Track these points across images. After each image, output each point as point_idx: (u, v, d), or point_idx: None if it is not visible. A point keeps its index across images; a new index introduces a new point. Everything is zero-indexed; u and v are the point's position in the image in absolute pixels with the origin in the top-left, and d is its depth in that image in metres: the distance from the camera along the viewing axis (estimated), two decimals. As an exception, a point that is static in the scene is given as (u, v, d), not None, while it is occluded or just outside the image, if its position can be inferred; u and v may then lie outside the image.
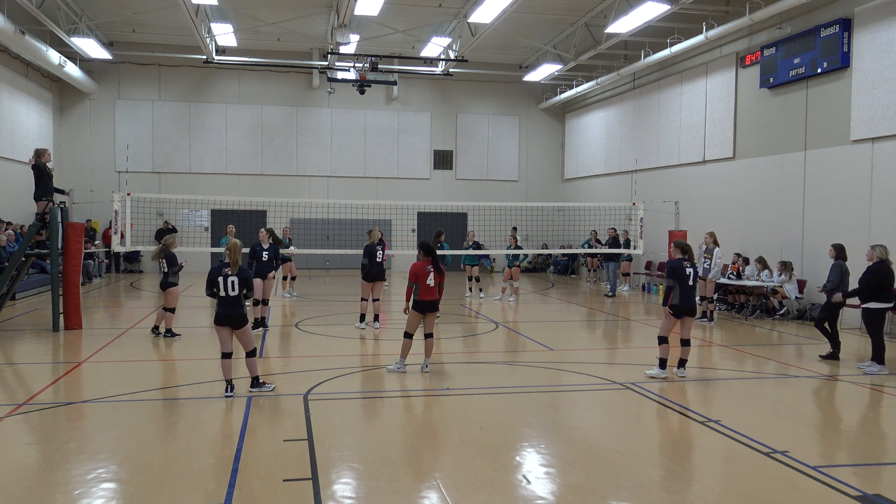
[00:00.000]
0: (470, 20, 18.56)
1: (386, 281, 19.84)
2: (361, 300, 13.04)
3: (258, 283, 12.39)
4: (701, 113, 18.76)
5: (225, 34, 21.61)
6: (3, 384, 8.92)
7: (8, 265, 13.01)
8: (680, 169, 19.85)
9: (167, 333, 11.84)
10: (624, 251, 19.19)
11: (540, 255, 26.96)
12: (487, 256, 20.81)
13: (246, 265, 8.35)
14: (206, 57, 21.82)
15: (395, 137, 26.66)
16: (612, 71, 21.59)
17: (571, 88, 24.49)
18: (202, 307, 15.32)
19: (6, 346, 11.20)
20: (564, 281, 24.33)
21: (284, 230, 18.00)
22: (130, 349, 10.99)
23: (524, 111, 27.76)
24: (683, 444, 6.85)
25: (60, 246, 12.56)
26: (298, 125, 25.89)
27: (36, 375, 9.23)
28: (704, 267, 14.51)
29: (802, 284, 14.76)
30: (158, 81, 24.90)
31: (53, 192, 12.67)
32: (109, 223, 18.80)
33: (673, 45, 18.05)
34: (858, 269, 10.49)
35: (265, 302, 12.75)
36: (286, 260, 17.46)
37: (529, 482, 5.58)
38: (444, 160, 27.19)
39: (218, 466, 5.83)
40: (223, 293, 7.97)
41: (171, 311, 11.82)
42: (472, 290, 18.52)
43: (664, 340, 9.21)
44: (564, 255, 25.50)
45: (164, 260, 11.62)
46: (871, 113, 13.44)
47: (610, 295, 19.19)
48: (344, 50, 20.67)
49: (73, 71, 21.50)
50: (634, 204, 18.74)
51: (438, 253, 9.79)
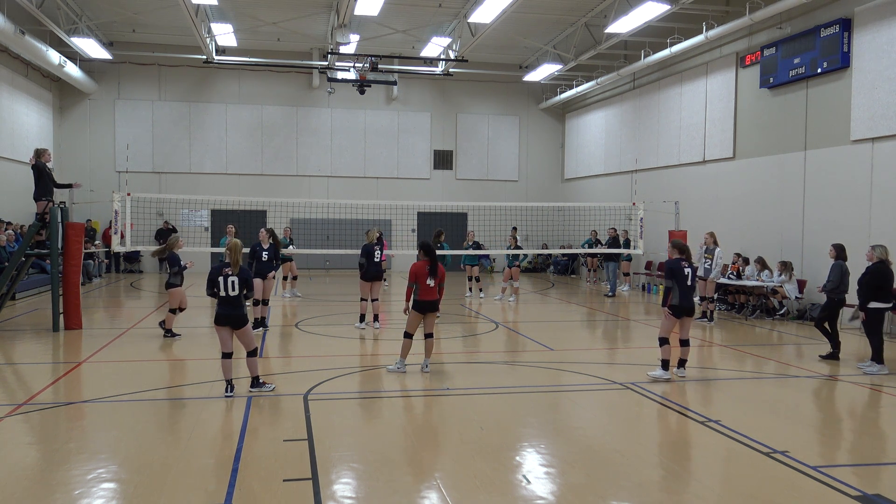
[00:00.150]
0: (470, 20, 18.56)
1: (386, 281, 20.02)
2: (361, 300, 13.04)
3: (258, 283, 12.39)
4: (701, 113, 18.76)
5: (225, 34, 21.61)
6: (3, 384, 8.92)
7: (8, 265, 13.01)
8: (680, 169, 19.84)
9: (167, 333, 11.85)
10: (624, 251, 19.19)
11: (540, 255, 26.96)
12: (487, 256, 20.81)
13: (246, 265, 8.35)
14: (206, 57, 21.82)
15: (395, 137, 26.66)
16: (612, 71, 21.59)
17: (571, 88, 24.49)
18: (202, 307, 15.32)
19: (6, 346, 11.20)
20: (564, 281, 24.33)
21: (285, 230, 18.01)
22: (130, 349, 10.99)
23: (524, 111, 27.76)
24: (683, 444, 6.85)
25: (60, 246, 12.56)
26: (298, 125, 25.89)
27: (36, 375, 9.23)
28: (705, 267, 14.51)
29: (802, 284, 14.76)
30: (158, 81, 24.91)
31: (54, 191, 12.67)
32: (109, 223, 18.83)
33: (673, 45, 18.04)
34: (858, 269, 10.48)
35: (265, 302, 12.75)
36: (286, 260, 17.47)
37: (529, 482, 5.58)
38: (444, 160, 27.19)
39: (218, 466, 5.83)
40: (223, 293, 7.97)
41: (172, 311, 11.82)
42: (472, 290, 18.52)
43: (665, 341, 9.18)
44: (564, 255, 25.50)
45: (166, 260, 11.66)
46: (871, 113, 13.44)
47: (610, 295, 19.19)
48: (344, 50, 20.67)
49: (73, 71, 21.51)
50: (634, 204, 18.75)
51: (438, 253, 9.79)
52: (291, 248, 17.41)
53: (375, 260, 12.84)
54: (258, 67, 24.87)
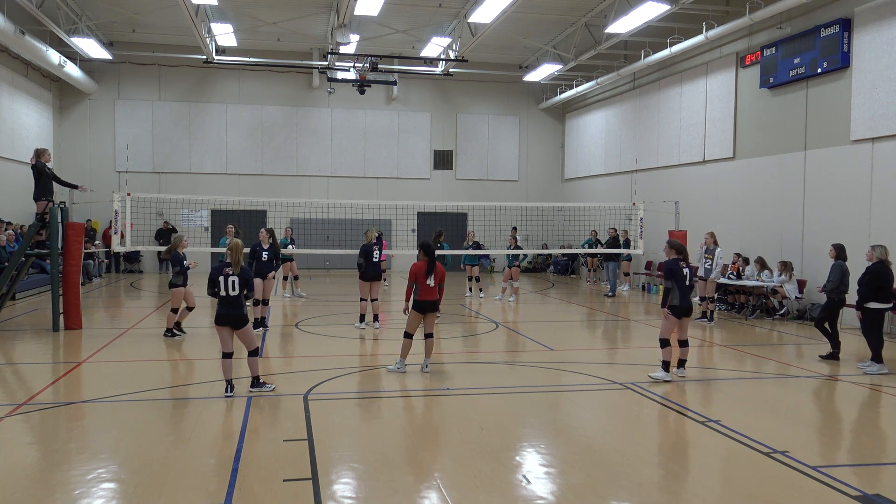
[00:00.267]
0: (470, 20, 18.56)
1: (386, 281, 20.02)
2: (360, 300, 13.04)
3: (258, 283, 12.40)
4: (701, 113, 18.76)
5: (225, 34, 21.61)
6: (3, 384, 8.92)
7: (8, 265, 13.01)
8: (680, 169, 19.84)
9: (167, 333, 11.86)
10: (624, 251, 19.19)
11: (540, 255, 26.96)
12: (487, 256, 20.81)
13: (246, 265, 8.36)
14: (206, 57, 21.81)
15: (395, 137, 26.66)
16: (612, 71, 21.59)
17: (571, 88, 24.49)
18: (202, 307, 15.29)
19: (6, 346, 11.20)
20: (564, 281, 24.33)
21: (286, 230, 18.02)
22: (130, 349, 10.99)
23: (524, 111, 27.76)
24: (683, 444, 6.85)
25: (60, 246, 12.56)
26: (298, 125, 25.89)
27: (36, 375, 9.23)
28: (705, 267, 14.51)
29: (802, 284, 14.76)
30: (158, 81, 24.90)
31: (54, 191, 12.68)
32: (109, 223, 18.82)
33: (673, 45, 18.04)
34: (858, 269, 10.48)
35: (265, 302, 12.76)
36: (287, 259, 17.49)
37: (529, 482, 5.58)
38: (444, 160, 27.19)
39: (218, 466, 5.83)
40: (224, 293, 7.99)
41: (173, 311, 11.83)
42: (472, 290, 18.52)
43: (666, 343, 9.14)
44: (564, 255, 25.50)
45: (169, 260, 11.69)
46: (871, 113, 13.44)
47: (610, 295, 19.18)
48: (344, 50, 20.67)
49: (73, 71, 21.50)
50: (634, 204, 18.75)
51: (438, 253, 9.79)
52: (291, 247, 17.40)
53: (374, 260, 12.84)
54: (258, 67, 24.86)
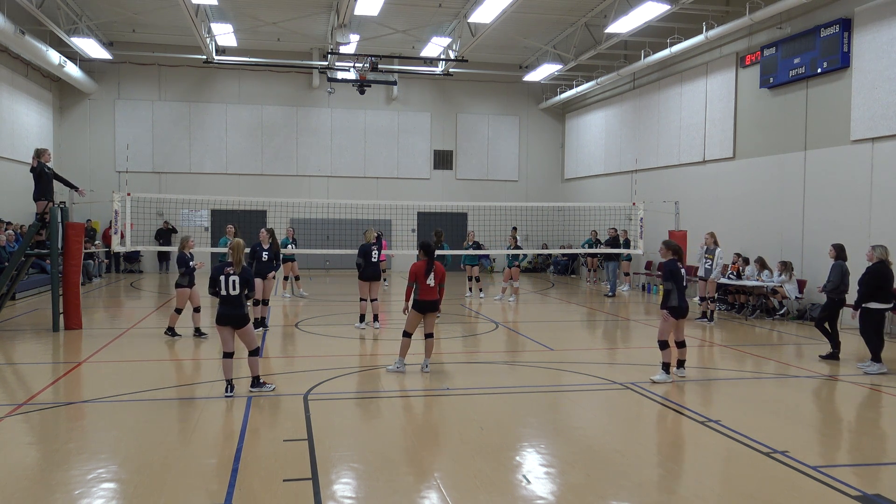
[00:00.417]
0: (470, 20, 18.56)
1: (386, 281, 20.01)
2: (360, 300, 13.04)
3: (258, 283, 12.39)
4: (701, 113, 18.76)
5: (225, 34, 21.61)
6: (3, 384, 8.92)
7: (8, 265, 13.01)
8: (680, 169, 19.84)
9: (168, 331, 11.86)
10: (624, 251, 19.19)
11: (540, 255, 26.96)
12: (487, 256, 20.81)
13: (247, 265, 8.38)
14: (206, 57, 21.81)
15: (395, 137, 26.66)
16: (612, 71, 21.59)
17: (571, 88, 24.49)
18: (204, 308, 15.28)
19: (6, 346, 11.20)
20: (564, 281, 24.33)
21: (288, 230, 18.03)
22: (130, 349, 10.99)
23: (524, 111, 27.76)
24: (683, 444, 6.85)
25: (60, 246, 12.56)
26: (298, 125, 25.89)
27: (36, 375, 9.23)
28: (705, 267, 14.51)
29: (802, 284, 14.76)
30: (158, 81, 24.90)
31: (54, 191, 12.68)
32: (109, 223, 18.82)
33: (673, 45, 18.04)
34: (858, 269, 10.48)
35: (265, 302, 12.76)
36: (289, 259, 17.50)
37: (529, 482, 5.58)
38: (444, 160, 27.19)
39: (218, 466, 5.84)
40: (224, 292, 8.00)
41: (177, 311, 11.82)
42: (472, 290, 18.52)
43: (666, 344, 9.09)
44: (564, 255, 25.50)
45: (177, 260, 11.74)
46: (871, 113, 13.44)
47: (610, 295, 19.18)
48: (344, 50, 20.67)
49: (73, 71, 21.50)
50: (634, 204, 18.75)
51: (438, 253, 9.80)
52: (291, 247, 17.40)
53: (373, 260, 12.85)
54: (258, 67, 24.86)
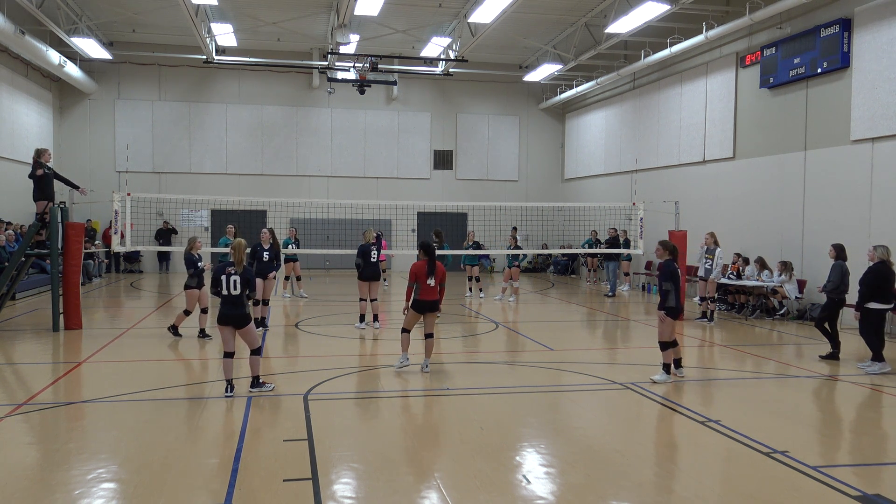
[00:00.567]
0: (470, 20, 18.56)
1: (386, 281, 20.01)
2: (360, 300, 13.05)
3: (258, 282, 12.40)
4: (701, 113, 18.76)
5: (225, 34, 21.61)
6: (3, 384, 8.92)
7: (8, 265, 13.01)
8: (680, 169, 19.84)
9: (171, 328, 11.87)
10: (624, 251, 19.19)
11: (540, 255, 26.95)
12: (487, 256, 20.80)
13: (248, 265, 8.39)
14: (206, 57, 21.81)
15: (395, 137, 26.66)
16: (612, 71, 21.59)
17: (571, 88, 24.49)
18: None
19: (6, 346, 11.20)
20: (564, 281, 24.33)
21: (290, 230, 18.03)
22: (130, 349, 10.99)
23: (524, 111, 27.76)
24: (683, 444, 6.85)
25: (60, 246, 12.56)
26: (298, 125, 25.89)
27: (36, 375, 9.23)
28: (705, 267, 14.51)
29: (802, 284, 14.76)
30: (158, 81, 24.90)
31: (54, 192, 12.68)
32: (109, 223, 18.79)
33: (673, 45, 18.04)
34: (859, 269, 10.48)
35: (265, 302, 12.77)
36: (290, 259, 17.50)
37: (529, 482, 5.58)
38: (444, 160, 27.19)
39: (218, 466, 5.84)
40: (226, 292, 8.01)
41: (185, 312, 11.78)
42: (472, 290, 18.52)
43: (666, 346, 9.05)
44: (564, 255, 25.50)
45: (184, 261, 11.74)
46: (871, 113, 13.44)
47: (610, 295, 19.18)
48: (344, 50, 20.67)
49: (73, 71, 21.50)
50: (634, 204, 18.73)
51: (438, 253, 9.82)
52: (291, 248, 17.39)
53: (372, 260, 12.85)
54: (258, 67, 24.86)
